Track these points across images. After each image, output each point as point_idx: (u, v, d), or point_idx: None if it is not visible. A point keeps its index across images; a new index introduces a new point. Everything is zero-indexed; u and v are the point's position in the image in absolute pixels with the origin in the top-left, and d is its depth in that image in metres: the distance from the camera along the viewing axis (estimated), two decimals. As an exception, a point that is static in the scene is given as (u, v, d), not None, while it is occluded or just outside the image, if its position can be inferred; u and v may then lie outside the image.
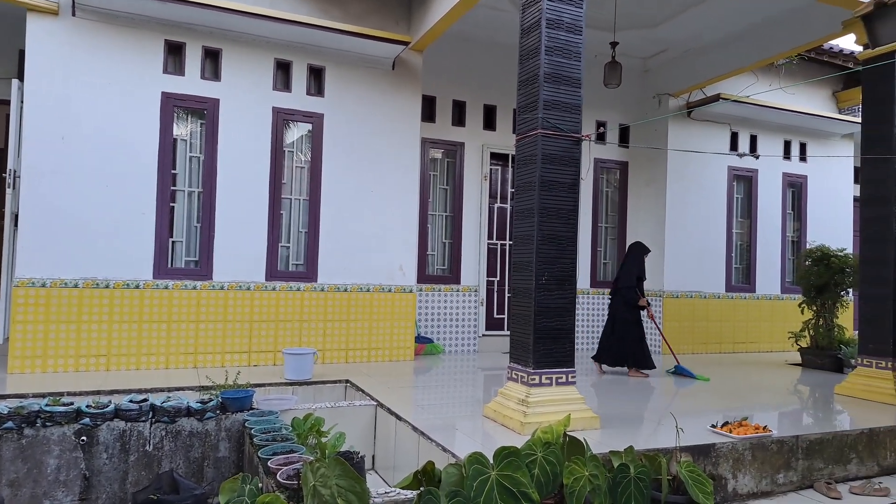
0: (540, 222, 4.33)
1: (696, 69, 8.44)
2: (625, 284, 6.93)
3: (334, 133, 6.90)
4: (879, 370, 5.66)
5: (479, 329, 8.28)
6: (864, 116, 6.03)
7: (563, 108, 4.45)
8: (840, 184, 10.13)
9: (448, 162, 8.26)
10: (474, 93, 8.26)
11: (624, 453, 3.51)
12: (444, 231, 8.24)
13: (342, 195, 6.90)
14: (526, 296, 4.36)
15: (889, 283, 5.65)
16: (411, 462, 4.21)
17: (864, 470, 4.50)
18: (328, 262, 6.81)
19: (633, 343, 6.83)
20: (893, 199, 5.68)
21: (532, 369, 4.28)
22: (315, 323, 6.72)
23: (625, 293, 6.91)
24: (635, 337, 6.85)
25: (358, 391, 5.51)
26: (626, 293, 6.90)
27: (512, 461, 3.13)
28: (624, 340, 6.82)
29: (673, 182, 8.84)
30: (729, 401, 5.77)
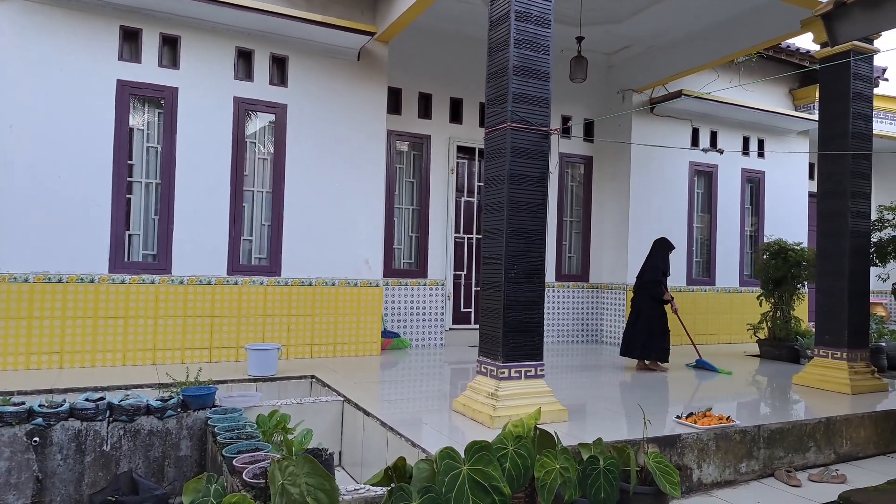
0: (509, 216, 4.31)
1: (659, 65, 8.55)
2: (651, 279, 7.00)
3: (298, 124, 6.76)
4: (835, 360, 5.84)
5: (446, 323, 8.25)
6: (821, 113, 6.19)
7: (531, 101, 4.44)
8: (796, 179, 10.42)
9: (414, 155, 8.19)
10: (441, 85, 8.20)
11: (593, 445, 3.52)
12: (411, 224, 8.18)
13: (306, 188, 6.77)
14: (495, 289, 4.35)
15: (844, 275, 5.83)
16: (380, 458, 4.15)
17: (822, 458, 4.64)
18: (292, 256, 6.68)
19: (660, 337, 6.90)
20: (849, 193, 5.85)
21: (501, 363, 4.26)
22: (279, 318, 6.59)
23: (651, 288, 6.98)
24: (662, 331, 6.94)
25: (324, 387, 5.42)
26: (652, 288, 6.98)
27: (483, 455, 3.10)
28: (651, 335, 6.88)
29: (636, 177, 8.96)
30: (691, 392, 5.88)
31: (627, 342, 7.04)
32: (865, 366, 5.85)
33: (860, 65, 5.95)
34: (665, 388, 6.02)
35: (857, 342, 5.83)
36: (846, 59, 5.86)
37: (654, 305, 6.98)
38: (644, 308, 6.97)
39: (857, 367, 5.77)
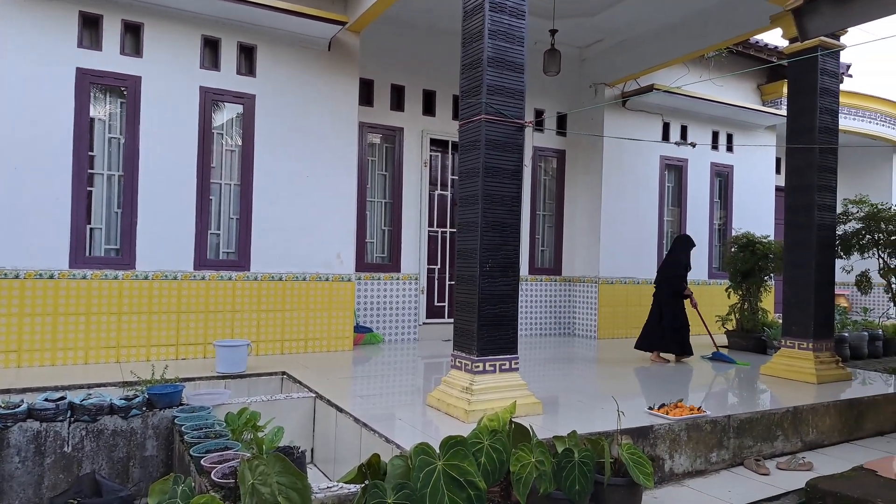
0: (484, 209, 4.27)
1: (632, 60, 8.59)
2: (674, 274, 7.12)
3: (267, 115, 6.61)
4: (801, 351, 5.95)
5: (420, 317, 8.20)
6: (789, 108, 6.28)
7: (506, 93, 4.40)
8: (763, 173, 10.60)
9: (387, 147, 8.10)
10: (413, 77, 8.11)
11: (567, 438, 3.51)
12: (384, 218, 8.09)
13: (276, 180, 6.63)
14: (470, 283, 4.31)
15: (811, 268, 5.93)
16: (353, 455, 4.09)
17: (789, 446, 4.72)
18: (261, 250, 6.54)
19: (683, 331, 7.03)
20: (816, 187, 5.95)
21: (476, 356, 4.23)
22: (248, 313, 6.45)
23: (674, 283, 7.08)
24: (683, 324, 7.05)
25: (295, 383, 5.32)
26: (676, 283, 7.08)
27: (459, 450, 3.07)
28: (675, 329, 7.00)
29: (608, 171, 9.00)
30: (662, 383, 5.93)
31: (647, 335, 7.13)
32: (830, 356, 5.97)
33: (827, 60, 6.05)
34: (637, 380, 6.07)
35: (823, 333, 5.95)
36: (814, 54, 5.95)
37: (676, 300, 7.08)
38: (665, 302, 7.06)
39: (822, 357, 5.88)
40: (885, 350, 8.24)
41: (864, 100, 11.33)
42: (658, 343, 7.06)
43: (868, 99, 11.38)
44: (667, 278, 7.18)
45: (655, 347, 7.09)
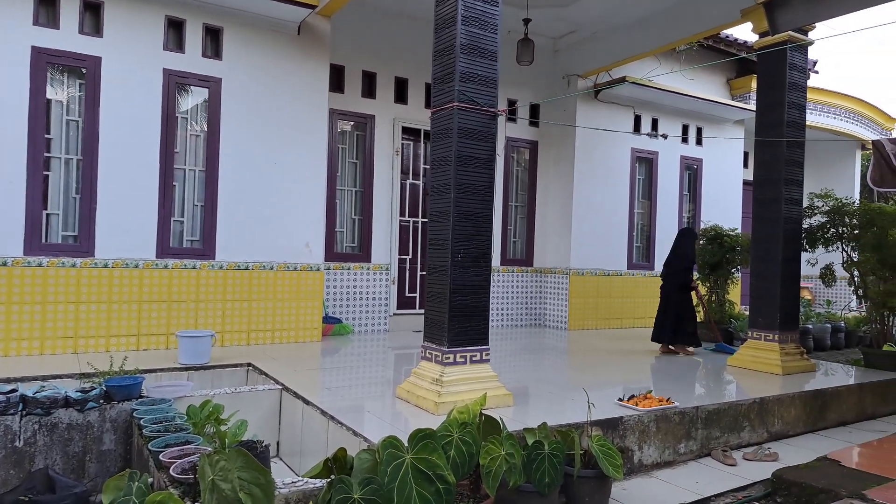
0: (456, 199, 4.20)
1: (604, 51, 8.58)
2: (681, 267, 7.16)
3: (234, 100, 6.42)
4: (767, 342, 6.03)
5: (391, 308, 8.11)
6: (758, 102, 6.33)
7: (479, 81, 4.33)
8: (731, 167, 10.74)
9: (358, 135, 7.96)
10: (385, 64, 7.98)
11: (538, 430, 3.48)
12: (354, 207, 7.96)
13: (243, 167, 6.46)
14: (442, 273, 4.24)
15: (778, 261, 6.01)
16: (320, 448, 4.00)
17: (756, 436, 4.77)
18: (227, 239, 6.37)
19: (689, 322, 7.10)
20: (783, 181, 6.01)
21: (447, 348, 4.17)
22: (213, 303, 6.29)
23: (682, 275, 7.13)
24: (690, 316, 7.13)
25: (261, 375, 5.20)
26: (682, 275, 7.13)
27: (428, 443, 3.00)
28: (681, 320, 7.05)
29: (580, 162, 9.00)
30: (631, 373, 5.96)
31: (659, 328, 7.17)
32: (795, 347, 6.07)
33: (796, 55, 6.11)
34: (607, 371, 6.08)
35: (789, 325, 6.03)
36: (783, 48, 5.99)
37: (684, 292, 7.14)
38: (673, 295, 7.12)
39: (787, 348, 5.97)
40: (847, 342, 8.43)
41: (830, 96, 11.54)
42: (665, 335, 7.11)
43: (833, 95, 11.59)
44: (675, 272, 7.19)
45: (662, 340, 7.14)
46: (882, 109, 12.23)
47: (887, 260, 6.12)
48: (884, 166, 3.89)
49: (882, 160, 3.89)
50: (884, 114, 12.31)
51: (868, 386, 5.50)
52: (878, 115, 12.27)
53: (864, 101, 11.96)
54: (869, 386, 5.50)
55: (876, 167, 3.94)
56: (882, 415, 5.58)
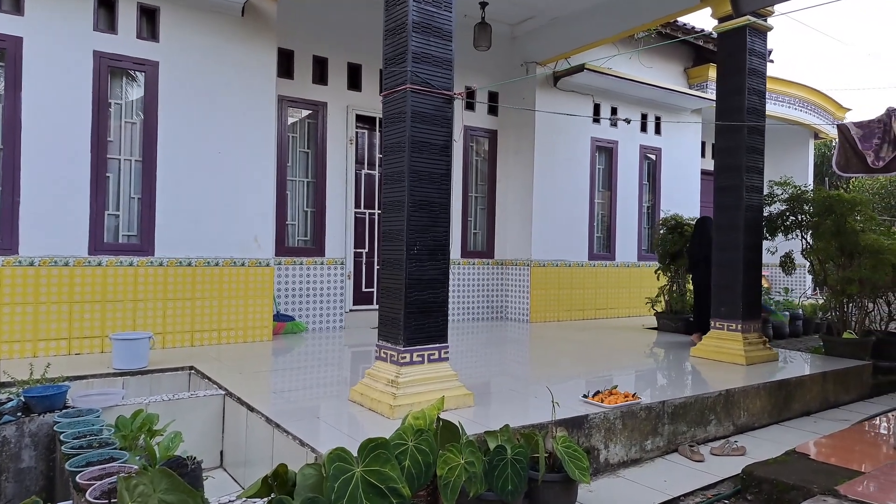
0: (411, 187, 3.93)
1: (562, 38, 8.39)
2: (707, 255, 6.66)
3: (173, 85, 5.99)
4: (730, 332, 5.94)
5: (346, 304, 7.78)
6: (718, 89, 6.23)
7: (433, 62, 4.06)
8: (689, 156, 10.72)
9: (309, 123, 7.59)
10: (337, 49, 7.62)
11: (500, 433, 3.25)
12: (306, 199, 7.59)
13: (183, 157, 6.03)
14: (396, 267, 3.96)
15: (739, 249, 5.92)
16: (265, 459, 3.70)
17: (722, 430, 4.66)
18: (167, 233, 5.95)
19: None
20: (744, 168, 5.93)
21: (403, 346, 3.90)
22: (153, 302, 5.87)
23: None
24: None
25: (204, 379, 4.84)
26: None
27: (380, 454, 2.74)
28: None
29: (540, 152, 8.82)
30: (595, 367, 5.79)
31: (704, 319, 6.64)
32: (758, 336, 6.00)
33: (755, 41, 6.02)
34: (570, 365, 5.91)
35: (751, 314, 5.97)
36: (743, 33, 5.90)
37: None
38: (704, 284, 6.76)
39: (750, 337, 5.90)
40: (805, 329, 8.49)
41: (783, 85, 11.64)
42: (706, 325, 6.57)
43: (787, 84, 11.70)
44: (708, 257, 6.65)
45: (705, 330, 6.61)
46: (834, 99, 12.42)
47: (845, 247, 6.10)
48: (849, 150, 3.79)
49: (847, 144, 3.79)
50: (835, 103, 12.50)
51: (831, 374, 5.46)
52: (830, 104, 12.47)
53: (816, 91, 12.12)
54: (832, 374, 5.47)
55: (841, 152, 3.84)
56: (844, 403, 5.56)
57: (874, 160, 3.68)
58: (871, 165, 3.70)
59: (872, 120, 3.74)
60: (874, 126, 3.71)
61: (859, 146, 3.71)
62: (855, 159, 3.77)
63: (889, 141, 3.67)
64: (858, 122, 3.79)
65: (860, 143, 3.71)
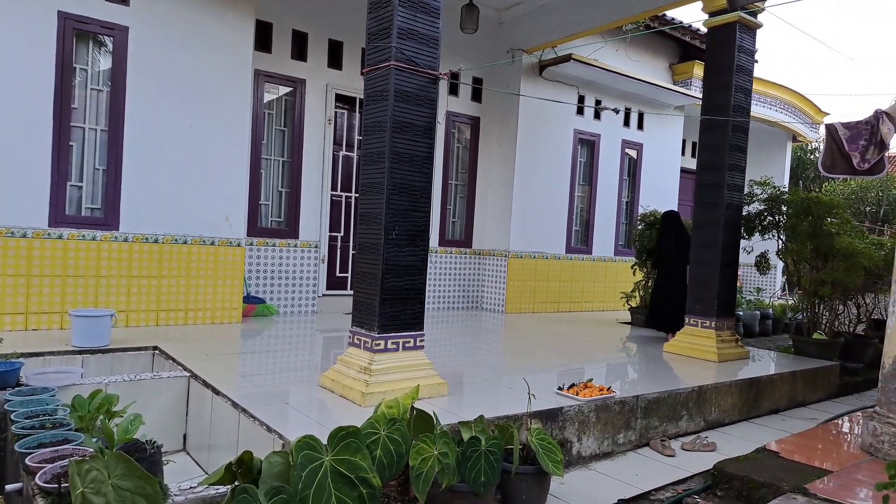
0: (391, 169, 3.80)
1: (550, 26, 8.28)
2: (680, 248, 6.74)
3: (143, 52, 5.73)
4: (704, 329, 5.95)
5: (320, 288, 7.63)
6: (705, 85, 6.20)
7: (419, 39, 3.92)
8: (670, 153, 10.73)
9: (286, 100, 7.37)
10: (318, 24, 7.40)
11: (474, 424, 3.17)
12: (281, 178, 7.39)
13: (153, 128, 5.79)
14: (373, 252, 3.84)
15: (718, 246, 5.92)
16: (230, 445, 3.56)
17: (693, 425, 4.65)
18: (134, 208, 5.72)
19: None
20: (727, 166, 5.91)
21: (377, 333, 3.79)
22: (117, 279, 5.65)
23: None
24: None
25: (168, 360, 4.66)
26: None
27: (350, 443, 2.63)
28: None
29: (523, 142, 8.73)
30: (569, 360, 5.76)
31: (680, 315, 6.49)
32: (731, 334, 6.02)
33: (745, 38, 5.99)
34: (545, 356, 5.86)
35: (725, 312, 5.98)
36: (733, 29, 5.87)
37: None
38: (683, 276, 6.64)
39: (723, 335, 5.92)
40: (774, 328, 8.59)
41: (765, 85, 11.71)
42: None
43: (768, 85, 11.76)
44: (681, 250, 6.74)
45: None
46: (813, 102, 12.55)
47: (820, 249, 6.14)
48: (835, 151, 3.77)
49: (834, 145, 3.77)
50: (815, 106, 12.63)
51: (800, 374, 5.50)
52: (810, 107, 12.59)
53: (797, 93, 12.22)
54: (800, 374, 5.51)
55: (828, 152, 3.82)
56: (811, 402, 5.61)
57: (860, 162, 3.67)
58: (856, 167, 3.68)
59: (860, 121, 3.73)
60: (861, 127, 3.70)
61: (846, 147, 3.69)
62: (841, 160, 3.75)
63: (875, 143, 3.66)
64: (846, 123, 3.77)
65: (847, 144, 3.69)
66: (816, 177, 17.17)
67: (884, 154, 3.73)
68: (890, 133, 3.65)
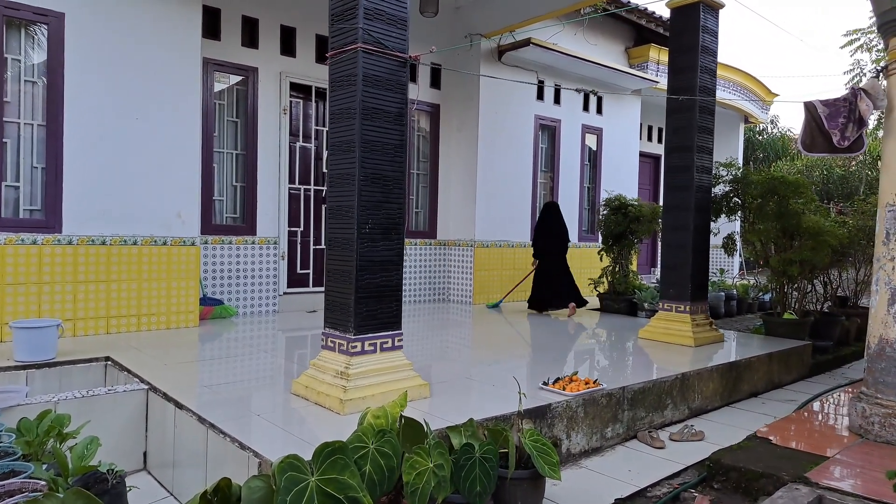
0: (362, 158, 3.54)
1: (508, 10, 8.09)
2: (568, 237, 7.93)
3: (82, 41, 5.27)
4: (679, 314, 5.91)
5: (280, 286, 7.29)
6: (670, 66, 6.13)
7: (387, 19, 3.67)
8: (629, 137, 10.73)
9: (238, 90, 6.97)
10: (269, 10, 7.01)
11: (464, 428, 2.98)
12: (235, 172, 7.00)
13: (96, 122, 5.35)
14: (346, 247, 3.58)
15: (689, 229, 5.87)
16: (198, 462, 3.27)
17: (678, 414, 4.58)
18: (78, 208, 5.28)
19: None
20: (695, 148, 5.86)
21: (353, 335, 3.54)
22: (61, 285, 5.21)
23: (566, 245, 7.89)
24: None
25: (122, 371, 4.30)
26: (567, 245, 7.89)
27: (337, 460, 2.41)
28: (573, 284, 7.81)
29: (484, 129, 8.54)
30: (546, 351, 5.63)
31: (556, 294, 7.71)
32: (705, 318, 6.00)
33: (708, 19, 5.93)
34: (521, 348, 5.71)
35: (699, 295, 5.95)
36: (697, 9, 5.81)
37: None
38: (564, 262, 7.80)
39: (698, 319, 5.89)
40: (739, 309, 8.69)
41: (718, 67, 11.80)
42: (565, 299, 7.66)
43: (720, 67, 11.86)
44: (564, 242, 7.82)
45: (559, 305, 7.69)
46: (764, 84, 12.77)
47: (787, 228, 6.18)
48: (815, 129, 3.72)
49: (814, 122, 3.71)
50: (765, 88, 12.86)
51: (776, 355, 5.51)
52: (761, 88, 12.80)
53: (748, 75, 12.39)
54: (776, 355, 5.52)
55: (807, 130, 3.76)
56: (787, 383, 5.64)
57: (840, 139, 3.62)
58: (836, 145, 3.63)
59: (838, 98, 3.67)
60: (840, 104, 3.64)
61: (826, 125, 3.64)
62: (821, 138, 3.70)
63: (854, 120, 3.61)
64: (825, 101, 3.71)
65: (827, 121, 3.64)
66: (766, 158, 17.65)
67: (863, 131, 3.70)
68: (868, 109, 3.61)
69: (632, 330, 6.61)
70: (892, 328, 3.52)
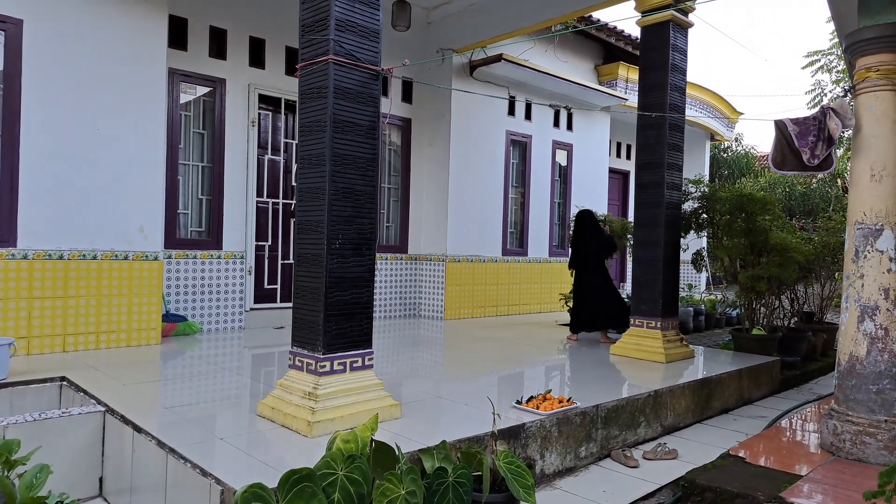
0: (333, 172, 3.46)
1: (479, 26, 8.11)
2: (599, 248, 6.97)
3: (41, 49, 5.09)
4: (650, 330, 5.92)
5: (247, 302, 7.10)
6: (641, 84, 6.19)
7: (359, 31, 3.61)
8: (599, 154, 10.84)
9: (205, 101, 6.82)
10: (238, 20, 6.89)
11: (436, 451, 2.88)
12: (201, 185, 6.83)
13: (54, 132, 5.15)
14: (315, 263, 3.47)
15: (660, 245, 5.90)
16: (157, 486, 3.11)
17: (651, 431, 4.55)
18: (33, 222, 5.05)
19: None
20: (666, 164, 5.91)
21: (322, 354, 3.43)
22: (15, 301, 4.97)
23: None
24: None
25: (78, 392, 4.10)
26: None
27: (304, 488, 2.30)
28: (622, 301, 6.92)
29: (456, 143, 8.52)
30: (518, 368, 5.57)
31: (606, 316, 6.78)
32: (675, 334, 6.02)
33: (678, 37, 6.02)
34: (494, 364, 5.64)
35: (669, 311, 5.97)
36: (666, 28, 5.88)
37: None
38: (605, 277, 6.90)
39: (668, 335, 5.90)
40: (707, 324, 8.78)
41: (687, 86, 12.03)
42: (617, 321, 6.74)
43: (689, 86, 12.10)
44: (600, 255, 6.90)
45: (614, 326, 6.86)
46: (729, 102, 13.06)
47: (755, 245, 6.26)
48: (785, 147, 3.76)
49: (784, 141, 3.75)
50: (730, 106, 13.15)
51: (746, 371, 5.54)
52: (726, 107, 13.09)
53: (714, 93, 12.65)
54: (746, 371, 5.55)
55: (777, 148, 3.80)
56: (756, 399, 5.68)
57: (810, 157, 3.66)
58: (806, 163, 3.68)
59: (808, 117, 3.72)
60: (809, 123, 3.69)
61: (796, 143, 3.68)
62: (791, 156, 3.74)
63: (823, 139, 3.66)
64: (795, 119, 3.76)
65: (797, 139, 3.68)
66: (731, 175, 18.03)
67: (832, 149, 3.74)
68: (837, 128, 3.67)
69: (602, 346, 6.59)
70: (862, 345, 3.55)
